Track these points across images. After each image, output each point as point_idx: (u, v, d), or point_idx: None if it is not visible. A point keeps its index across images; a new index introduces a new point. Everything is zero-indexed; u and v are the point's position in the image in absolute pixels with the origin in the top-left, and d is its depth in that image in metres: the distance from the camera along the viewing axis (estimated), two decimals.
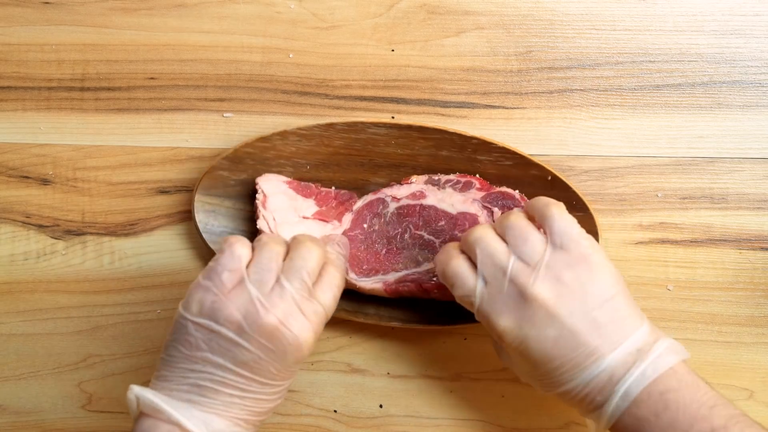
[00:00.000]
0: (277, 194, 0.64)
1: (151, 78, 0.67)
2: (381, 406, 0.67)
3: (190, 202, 0.66)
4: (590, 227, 0.62)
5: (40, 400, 0.69)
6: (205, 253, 0.67)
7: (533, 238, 0.52)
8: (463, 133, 0.63)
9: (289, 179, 0.65)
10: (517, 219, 0.53)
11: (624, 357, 0.49)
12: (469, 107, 0.66)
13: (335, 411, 0.67)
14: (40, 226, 0.68)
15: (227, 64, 0.67)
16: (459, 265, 0.54)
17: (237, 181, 0.66)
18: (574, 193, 0.63)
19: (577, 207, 0.63)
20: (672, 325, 0.65)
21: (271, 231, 0.63)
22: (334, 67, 0.66)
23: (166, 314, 0.68)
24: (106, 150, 0.68)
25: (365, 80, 0.66)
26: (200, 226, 0.65)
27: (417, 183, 0.64)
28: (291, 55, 0.67)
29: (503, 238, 0.53)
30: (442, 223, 0.63)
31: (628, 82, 0.65)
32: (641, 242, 0.66)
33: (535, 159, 0.63)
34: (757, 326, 0.65)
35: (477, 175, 0.64)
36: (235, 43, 0.67)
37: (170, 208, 0.68)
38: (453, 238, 0.62)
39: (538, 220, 0.53)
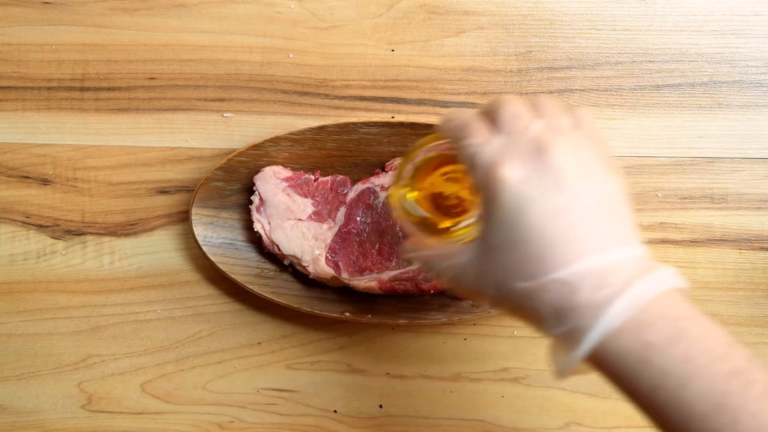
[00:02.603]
0: (275, 195, 0.64)
1: (151, 78, 0.67)
2: (381, 406, 0.67)
3: (190, 203, 0.66)
4: None
5: (40, 400, 0.69)
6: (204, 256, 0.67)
7: (563, 117, 0.46)
8: None
9: (288, 174, 0.65)
10: (549, 99, 0.47)
11: (632, 259, 0.42)
12: (469, 107, 0.66)
13: (335, 411, 0.67)
14: (40, 226, 0.68)
15: (227, 64, 0.67)
16: (475, 119, 0.47)
17: (232, 191, 0.66)
18: None
19: None
20: None
21: (266, 235, 0.64)
22: (334, 67, 0.67)
23: (166, 314, 0.68)
24: (106, 150, 0.68)
25: (365, 80, 0.66)
26: (199, 239, 0.65)
27: None
28: (291, 55, 0.67)
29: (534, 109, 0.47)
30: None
31: (628, 82, 0.65)
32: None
33: None
34: (757, 326, 0.65)
35: None
36: (235, 43, 0.67)
37: (170, 208, 0.68)
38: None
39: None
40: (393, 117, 0.66)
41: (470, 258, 0.46)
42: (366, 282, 0.63)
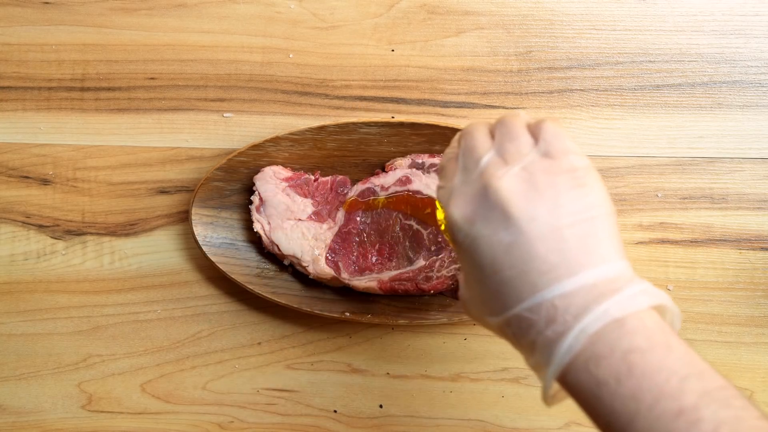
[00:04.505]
0: (274, 195, 0.64)
1: (151, 78, 0.67)
2: (381, 406, 0.67)
3: (190, 203, 0.66)
4: None
5: (40, 400, 0.69)
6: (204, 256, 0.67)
7: (522, 139, 0.44)
8: (455, 127, 0.64)
9: (288, 174, 0.65)
10: (513, 118, 0.46)
11: (586, 287, 0.40)
12: (469, 107, 0.66)
13: (335, 411, 0.67)
14: (40, 226, 0.68)
15: (227, 64, 0.67)
16: (449, 159, 0.47)
17: (232, 191, 0.66)
18: None
19: None
20: None
21: (266, 235, 0.64)
22: (334, 67, 0.67)
23: (166, 314, 0.68)
24: (106, 150, 0.68)
25: (365, 80, 0.66)
26: (199, 239, 0.65)
27: (401, 168, 0.64)
28: (291, 55, 0.67)
29: (494, 135, 0.46)
30: (429, 210, 0.63)
31: (628, 82, 0.65)
32: (641, 242, 0.66)
33: None
34: (757, 326, 0.65)
35: None
36: (235, 43, 0.67)
37: (170, 208, 0.68)
38: (437, 226, 0.63)
39: (532, 129, 0.46)
40: (393, 117, 0.66)
41: (462, 293, 0.47)
42: (366, 282, 0.63)
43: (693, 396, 0.37)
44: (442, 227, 0.47)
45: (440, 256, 0.63)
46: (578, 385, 0.40)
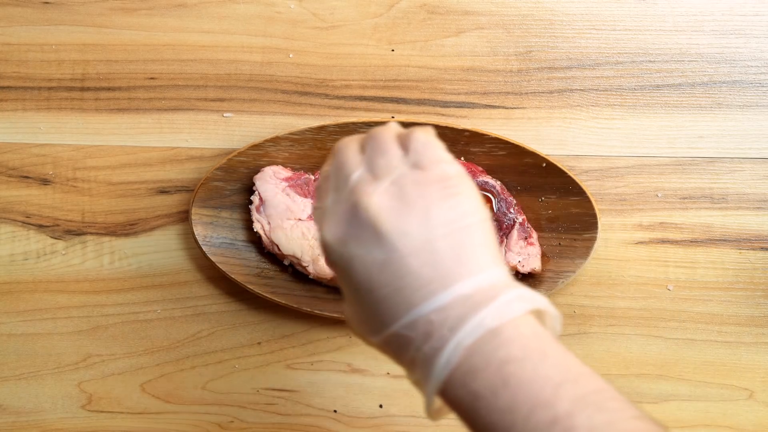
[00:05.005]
0: (274, 195, 0.64)
1: (151, 78, 0.67)
2: (381, 406, 0.67)
3: (190, 203, 0.66)
4: (588, 209, 0.63)
5: (40, 400, 0.69)
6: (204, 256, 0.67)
7: (392, 152, 0.43)
8: (455, 126, 0.64)
9: (288, 174, 0.65)
10: (382, 131, 0.45)
11: (461, 298, 0.39)
12: (469, 107, 0.66)
13: (335, 411, 0.67)
14: (40, 226, 0.68)
15: (227, 64, 0.67)
16: (324, 178, 0.46)
17: (232, 191, 0.66)
18: (570, 179, 0.63)
19: (574, 192, 0.63)
20: (672, 325, 0.65)
21: (266, 235, 0.64)
22: (334, 67, 0.66)
23: (166, 314, 0.68)
24: (106, 150, 0.68)
25: (365, 80, 0.66)
26: (199, 239, 0.65)
27: None
28: (291, 55, 0.67)
29: (364, 150, 0.45)
30: None
31: (628, 82, 0.65)
32: (641, 242, 0.66)
33: (528, 147, 0.64)
34: (757, 326, 0.65)
35: (462, 159, 0.64)
36: (235, 43, 0.67)
37: (170, 208, 0.68)
38: None
39: (402, 140, 0.45)
40: (393, 117, 0.66)
41: (345, 312, 0.46)
42: None
43: (567, 403, 0.37)
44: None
45: None
46: (457, 399, 0.39)
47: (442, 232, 0.40)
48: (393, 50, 0.66)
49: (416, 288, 0.40)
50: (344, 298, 0.45)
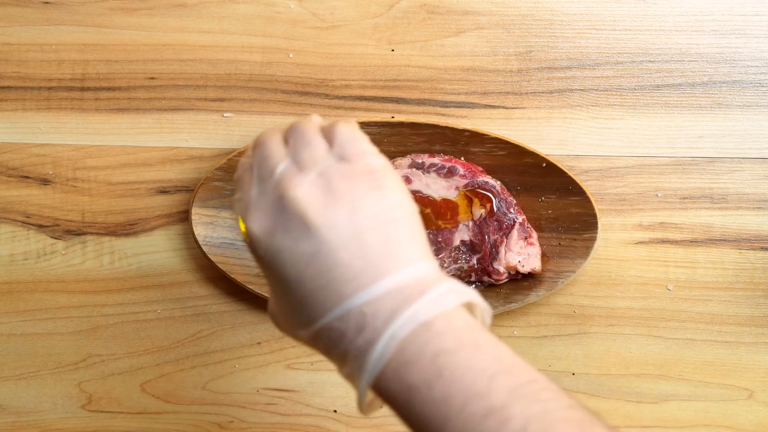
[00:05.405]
0: None
1: (151, 78, 0.67)
2: (381, 406, 0.67)
3: (190, 203, 0.66)
4: (588, 209, 0.63)
5: (40, 400, 0.69)
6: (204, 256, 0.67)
7: (316, 144, 0.43)
8: (455, 126, 0.64)
9: None
10: (305, 124, 0.45)
11: (392, 291, 0.39)
12: (469, 107, 0.66)
13: (335, 411, 0.67)
14: (40, 226, 0.68)
15: (227, 64, 0.67)
16: (245, 169, 0.45)
17: (232, 191, 0.66)
18: (570, 178, 0.63)
19: (574, 192, 0.63)
20: (672, 325, 0.65)
21: None
22: (334, 67, 0.67)
23: (166, 314, 0.68)
24: (106, 150, 0.68)
25: (365, 80, 0.66)
26: (199, 239, 0.65)
27: (401, 168, 0.64)
28: (291, 55, 0.67)
29: (288, 142, 0.45)
30: (428, 210, 0.63)
31: (628, 82, 0.65)
32: (641, 242, 0.66)
33: (528, 147, 0.64)
34: (757, 326, 0.65)
35: (462, 159, 0.64)
36: (235, 43, 0.67)
37: (170, 208, 0.68)
38: (436, 227, 0.63)
39: (325, 133, 0.45)
40: (393, 117, 0.66)
41: (270, 308, 0.45)
42: None
43: (501, 394, 0.37)
44: (246, 239, 0.47)
45: (440, 256, 0.63)
46: (391, 392, 0.39)
47: (371, 225, 0.40)
48: (393, 50, 0.66)
49: (347, 280, 0.40)
50: (270, 292, 0.44)
